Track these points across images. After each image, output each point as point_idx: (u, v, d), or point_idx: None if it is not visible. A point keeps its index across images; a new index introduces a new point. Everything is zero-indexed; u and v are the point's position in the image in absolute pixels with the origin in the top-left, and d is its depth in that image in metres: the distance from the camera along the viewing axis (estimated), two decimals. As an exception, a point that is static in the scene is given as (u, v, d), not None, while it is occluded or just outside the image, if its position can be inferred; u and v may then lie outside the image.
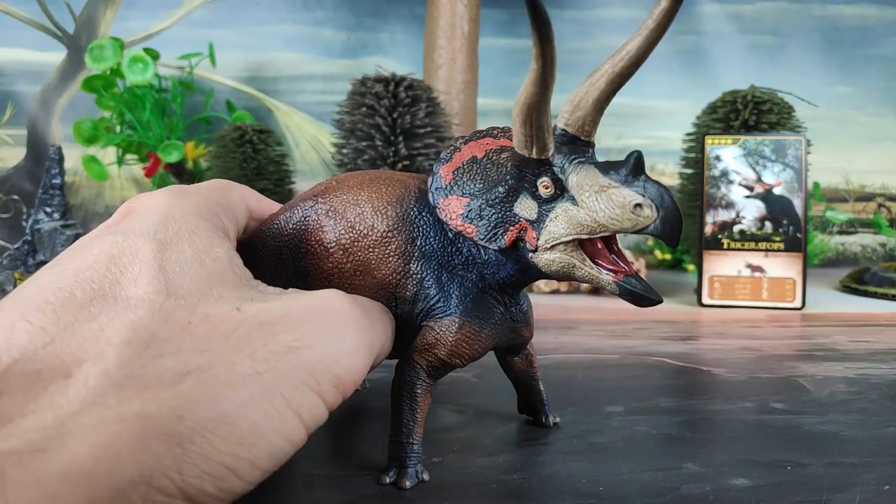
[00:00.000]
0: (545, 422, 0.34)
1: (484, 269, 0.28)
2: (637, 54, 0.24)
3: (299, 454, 0.29)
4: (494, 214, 0.26)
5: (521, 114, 0.24)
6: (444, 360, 0.27)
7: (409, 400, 0.27)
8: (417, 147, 0.78)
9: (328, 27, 1.15)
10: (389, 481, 0.27)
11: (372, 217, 0.28)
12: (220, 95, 1.10)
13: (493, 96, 1.13)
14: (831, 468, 0.28)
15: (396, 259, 0.27)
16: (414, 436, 0.27)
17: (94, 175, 0.99)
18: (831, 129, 1.12)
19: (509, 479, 0.27)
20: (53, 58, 1.12)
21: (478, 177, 0.27)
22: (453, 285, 0.27)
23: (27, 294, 0.21)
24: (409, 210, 0.28)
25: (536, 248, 0.26)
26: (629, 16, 1.13)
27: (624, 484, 0.26)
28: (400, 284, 0.28)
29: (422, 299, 0.27)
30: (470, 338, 0.27)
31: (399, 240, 0.28)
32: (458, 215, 0.26)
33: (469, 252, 0.28)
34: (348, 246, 0.28)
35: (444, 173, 0.27)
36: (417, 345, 0.27)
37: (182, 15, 1.14)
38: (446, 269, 0.28)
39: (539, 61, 0.22)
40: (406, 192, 0.29)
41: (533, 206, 0.25)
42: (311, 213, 0.29)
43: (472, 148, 0.28)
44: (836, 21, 1.14)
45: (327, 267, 0.28)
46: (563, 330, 0.59)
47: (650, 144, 1.10)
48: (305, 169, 1.14)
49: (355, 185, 0.29)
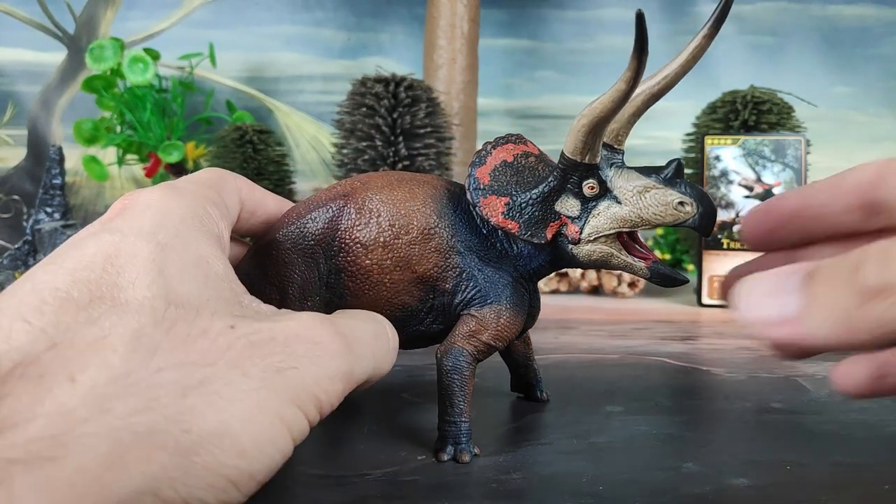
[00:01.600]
0: (540, 396, 0.37)
1: (517, 262, 0.31)
2: (672, 80, 0.27)
3: (299, 454, 0.29)
4: (535, 212, 0.29)
5: (588, 125, 0.27)
6: (490, 344, 0.30)
7: (459, 382, 0.29)
8: (417, 147, 0.78)
9: (328, 27, 1.15)
10: (448, 458, 0.29)
11: (412, 215, 0.30)
12: (221, 96, 1.10)
13: (493, 96, 1.13)
14: (831, 468, 0.28)
15: (437, 254, 0.30)
16: (465, 415, 0.29)
17: (94, 175, 0.99)
18: (831, 129, 1.12)
19: (509, 479, 0.27)
20: (54, 58, 1.12)
21: (513, 178, 0.30)
22: (491, 277, 0.30)
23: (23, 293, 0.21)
24: (444, 208, 0.30)
25: (579, 241, 0.29)
26: (629, 16, 1.13)
27: (624, 484, 0.26)
28: (440, 277, 0.30)
29: (461, 290, 0.30)
30: (510, 323, 0.30)
31: (439, 236, 0.30)
32: (500, 213, 0.29)
33: (501, 246, 0.31)
34: (389, 242, 0.30)
35: (480, 175, 0.30)
36: (462, 332, 0.30)
37: (182, 15, 1.14)
38: (483, 261, 0.30)
39: (628, 83, 0.25)
40: (436, 191, 0.31)
41: (575, 204, 0.29)
42: (343, 212, 0.30)
43: (501, 152, 0.31)
44: (836, 21, 1.14)
45: (365, 263, 0.30)
46: (563, 330, 0.60)
47: (650, 144, 1.10)
48: (305, 169, 1.14)
49: (385, 186, 0.31)
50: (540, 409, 0.36)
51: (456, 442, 0.29)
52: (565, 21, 1.14)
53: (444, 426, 0.30)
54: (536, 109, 1.16)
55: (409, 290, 0.30)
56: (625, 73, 0.25)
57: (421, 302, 0.31)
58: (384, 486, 0.26)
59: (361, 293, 0.31)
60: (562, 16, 1.13)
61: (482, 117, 1.01)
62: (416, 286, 0.30)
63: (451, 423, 0.29)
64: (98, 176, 0.99)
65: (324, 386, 0.23)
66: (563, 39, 1.14)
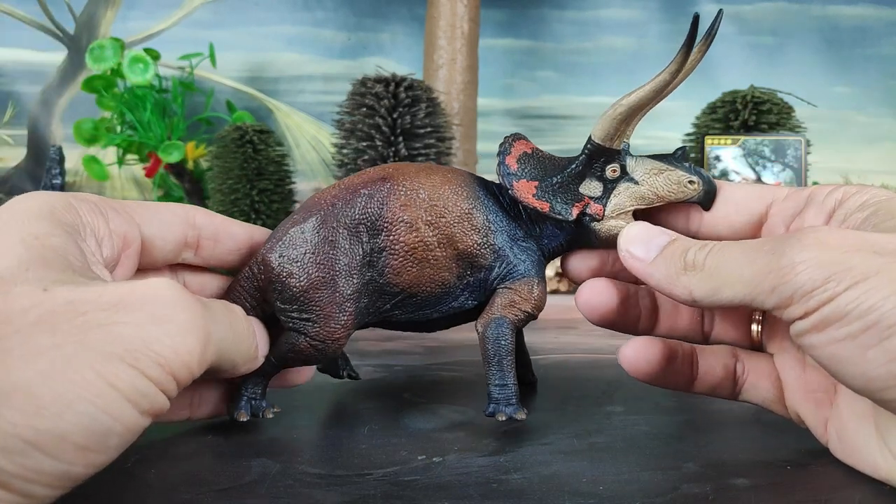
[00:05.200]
0: (531, 378, 0.40)
1: (540, 241, 0.34)
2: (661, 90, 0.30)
3: (300, 454, 0.29)
4: (563, 193, 0.32)
5: (625, 113, 0.30)
6: (529, 313, 0.33)
7: (506, 348, 0.32)
8: (417, 147, 0.78)
9: (328, 28, 1.15)
10: (505, 419, 0.31)
11: (453, 197, 0.32)
12: (221, 96, 1.10)
13: (493, 96, 1.13)
14: (831, 468, 0.28)
15: (476, 233, 0.32)
16: (514, 377, 0.32)
17: (94, 175, 0.99)
18: (831, 129, 1.12)
19: (509, 479, 0.27)
20: (54, 58, 1.12)
21: (537, 166, 0.33)
22: (523, 254, 0.33)
23: None
24: (477, 192, 0.33)
25: (603, 217, 0.32)
26: (629, 16, 1.13)
27: (624, 484, 0.26)
28: (479, 254, 0.33)
29: (497, 266, 0.33)
30: (542, 294, 0.33)
31: (479, 217, 0.33)
32: (532, 195, 0.32)
33: (527, 227, 0.34)
34: (433, 221, 0.32)
35: (510, 162, 0.33)
36: (501, 303, 0.33)
37: (182, 15, 1.14)
38: (514, 240, 0.33)
39: (670, 75, 0.29)
40: (465, 178, 0.34)
41: (598, 185, 0.32)
42: (387, 193, 0.32)
43: (520, 146, 0.34)
44: (836, 21, 1.14)
45: (409, 240, 0.32)
46: (563, 330, 0.60)
47: (650, 144, 1.10)
48: (306, 169, 1.14)
49: (421, 172, 0.33)
50: (540, 409, 0.36)
51: (509, 403, 0.31)
52: (565, 21, 1.14)
53: (495, 390, 0.32)
54: (536, 109, 1.16)
55: (449, 267, 0.33)
56: (669, 66, 0.29)
57: (458, 278, 0.33)
58: (384, 486, 0.26)
59: (405, 270, 0.32)
60: (562, 16, 1.14)
61: (482, 117, 1.01)
62: (456, 263, 0.33)
63: (504, 386, 0.31)
64: (98, 176, 0.99)
65: (168, 342, 0.21)
66: (563, 39, 1.14)
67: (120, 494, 0.25)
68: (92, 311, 0.20)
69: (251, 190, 0.87)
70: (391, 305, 0.33)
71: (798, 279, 0.23)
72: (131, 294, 0.22)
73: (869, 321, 0.21)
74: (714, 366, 0.31)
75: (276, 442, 0.31)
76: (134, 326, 0.21)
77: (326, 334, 0.31)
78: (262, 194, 0.88)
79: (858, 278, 0.22)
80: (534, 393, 0.39)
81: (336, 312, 0.31)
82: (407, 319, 0.34)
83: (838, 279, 0.22)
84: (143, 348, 0.21)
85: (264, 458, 0.28)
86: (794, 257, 0.23)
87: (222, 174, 0.88)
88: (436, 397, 0.38)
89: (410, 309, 0.33)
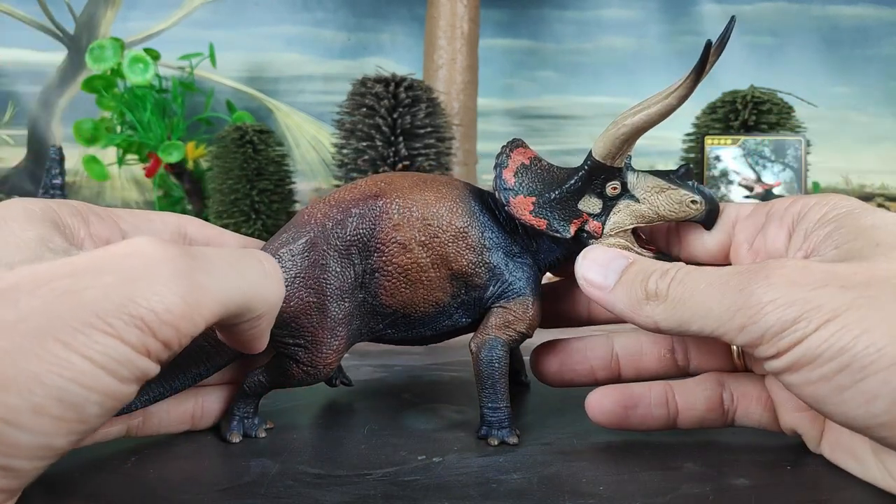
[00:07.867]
0: (524, 380, 0.40)
1: (536, 256, 0.33)
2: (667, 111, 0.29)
3: (300, 454, 0.29)
4: (560, 209, 0.31)
5: (629, 133, 0.29)
6: (523, 333, 0.32)
7: (499, 370, 0.31)
8: (417, 147, 0.78)
9: (328, 28, 1.15)
10: (497, 443, 0.30)
11: (448, 215, 0.31)
12: (221, 96, 1.10)
13: (492, 96, 1.13)
14: (831, 468, 0.28)
15: (471, 252, 0.31)
16: (507, 400, 0.31)
17: (94, 175, 0.99)
18: (831, 129, 1.12)
19: (509, 479, 0.27)
20: (54, 58, 1.12)
21: (535, 179, 0.32)
22: (518, 271, 0.32)
23: None
24: (472, 207, 0.32)
25: (601, 235, 0.31)
26: (629, 16, 1.14)
27: (624, 484, 0.26)
28: (474, 274, 0.32)
29: (493, 284, 0.32)
30: (538, 313, 0.32)
31: (474, 235, 0.32)
32: (528, 211, 0.31)
33: (523, 242, 0.33)
34: (427, 242, 0.31)
35: (507, 176, 0.32)
36: (496, 323, 0.32)
37: (182, 15, 1.14)
38: (508, 257, 0.32)
39: (678, 101, 0.28)
40: (461, 192, 0.32)
41: (597, 202, 0.31)
42: (378, 213, 0.31)
43: (518, 155, 0.33)
44: (836, 21, 1.14)
45: (402, 262, 0.31)
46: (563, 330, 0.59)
47: (650, 144, 1.10)
48: (306, 169, 1.14)
49: (414, 187, 0.32)
50: (540, 409, 0.36)
51: (501, 426, 0.31)
52: (565, 21, 1.14)
53: (488, 413, 0.31)
54: (536, 109, 1.16)
55: (443, 287, 0.32)
56: (678, 91, 0.28)
57: (453, 297, 0.32)
58: (384, 486, 0.26)
59: (398, 291, 0.31)
60: (562, 16, 1.14)
61: (482, 117, 1.01)
62: (450, 283, 0.32)
63: (497, 409, 0.31)
64: (98, 176, 0.99)
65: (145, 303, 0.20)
66: (563, 40, 1.14)
67: (120, 494, 0.25)
68: (57, 279, 0.19)
69: (251, 190, 0.87)
70: (384, 325, 0.32)
71: (767, 320, 0.22)
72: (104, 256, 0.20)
73: (842, 362, 0.21)
74: (694, 401, 0.31)
75: (276, 442, 0.31)
76: (104, 289, 0.19)
77: (318, 360, 0.31)
78: (262, 194, 0.88)
79: (828, 317, 0.21)
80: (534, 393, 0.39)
81: (328, 338, 0.31)
82: (401, 338, 0.33)
83: (808, 318, 0.22)
84: (116, 311, 0.19)
85: (264, 458, 0.28)
86: (762, 297, 0.23)
87: (222, 174, 0.88)
88: (436, 397, 0.38)
89: (404, 328, 0.33)
